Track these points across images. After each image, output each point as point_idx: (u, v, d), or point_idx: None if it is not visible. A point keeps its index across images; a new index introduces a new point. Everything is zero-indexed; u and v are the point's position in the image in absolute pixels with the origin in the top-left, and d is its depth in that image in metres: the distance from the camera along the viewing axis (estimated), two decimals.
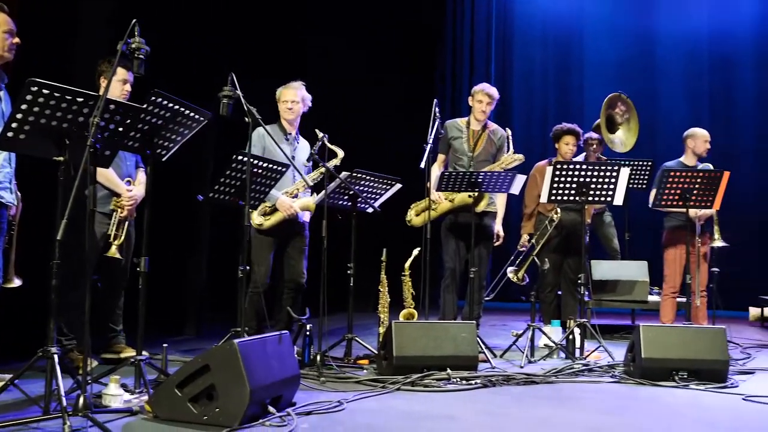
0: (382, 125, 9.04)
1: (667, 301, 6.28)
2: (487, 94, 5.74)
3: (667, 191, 5.55)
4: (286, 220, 5.12)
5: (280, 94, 5.26)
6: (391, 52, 9.51)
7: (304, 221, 5.31)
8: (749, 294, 8.78)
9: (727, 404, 4.13)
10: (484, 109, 5.74)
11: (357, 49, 8.94)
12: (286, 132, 5.29)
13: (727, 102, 10.44)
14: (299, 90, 5.25)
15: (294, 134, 5.33)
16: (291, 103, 5.21)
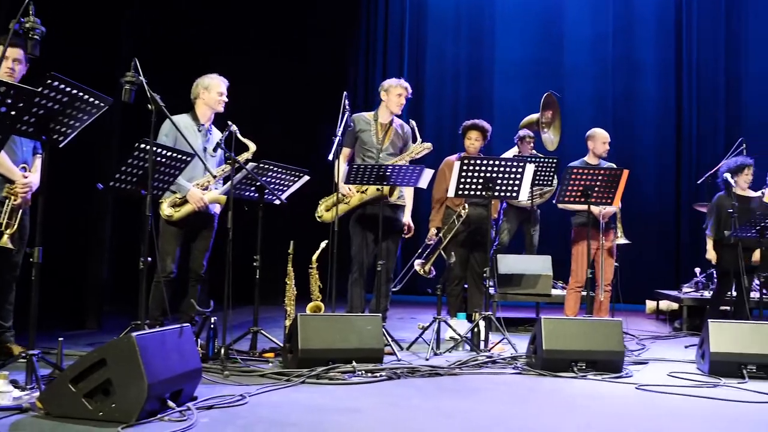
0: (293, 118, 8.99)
1: (571, 295, 6.46)
2: (406, 88, 5.78)
3: (570, 188, 5.71)
4: (195, 211, 5.08)
5: (209, 84, 5.20)
6: (303, 45, 9.45)
7: (214, 213, 5.28)
8: (647, 288, 9.15)
9: (621, 393, 4.28)
10: (401, 103, 5.77)
11: (266, 43, 8.86)
12: (200, 123, 5.19)
13: (629, 104, 10.82)
14: (226, 82, 5.24)
15: (208, 125, 5.25)
16: (224, 96, 5.22)
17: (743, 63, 10.78)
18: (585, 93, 10.79)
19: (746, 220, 5.99)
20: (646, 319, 8.63)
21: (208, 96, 5.21)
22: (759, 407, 4.02)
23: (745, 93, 10.72)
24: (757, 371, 4.71)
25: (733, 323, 5.06)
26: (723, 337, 4.80)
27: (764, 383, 4.55)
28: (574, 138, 9.45)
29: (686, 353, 5.72)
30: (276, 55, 9.03)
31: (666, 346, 6.28)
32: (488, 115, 9.96)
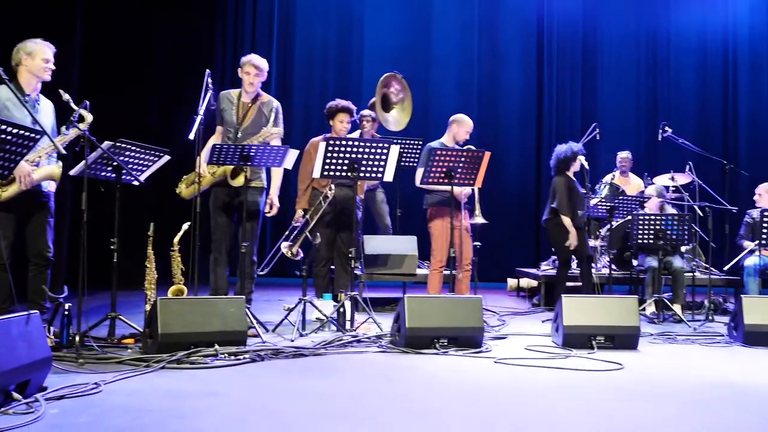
0: (157, 97, 8.70)
1: (434, 275, 6.58)
2: (254, 66, 5.67)
3: (434, 169, 5.82)
4: (25, 191, 4.59)
5: (33, 50, 4.71)
6: (169, 22, 9.16)
7: (48, 191, 4.83)
8: (509, 266, 9.50)
9: (481, 367, 4.43)
10: (252, 81, 5.66)
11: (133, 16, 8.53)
12: (24, 93, 4.70)
13: (493, 90, 11.15)
14: (53, 48, 4.83)
15: (35, 96, 4.81)
16: (51, 63, 4.79)
17: (599, 53, 11.34)
18: (451, 80, 11.02)
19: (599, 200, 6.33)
20: (508, 296, 8.96)
21: (31, 63, 4.72)
22: (606, 374, 4.27)
23: (600, 82, 11.30)
24: (605, 341, 5.00)
25: (584, 297, 5.34)
26: (574, 311, 5.05)
27: (610, 352, 4.83)
28: (440, 122, 9.67)
29: (543, 327, 5.97)
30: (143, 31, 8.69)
31: (525, 322, 6.55)
32: (357, 98, 10.00)
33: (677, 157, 8.92)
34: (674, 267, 6.94)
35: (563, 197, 6.73)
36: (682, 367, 4.68)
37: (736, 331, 5.52)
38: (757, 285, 6.99)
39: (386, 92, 8.02)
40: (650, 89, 11.36)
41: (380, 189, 7.72)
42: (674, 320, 6.62)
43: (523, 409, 3.46)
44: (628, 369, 4.40)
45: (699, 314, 6.99)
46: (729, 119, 11.31)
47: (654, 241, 6.61)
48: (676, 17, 11.42)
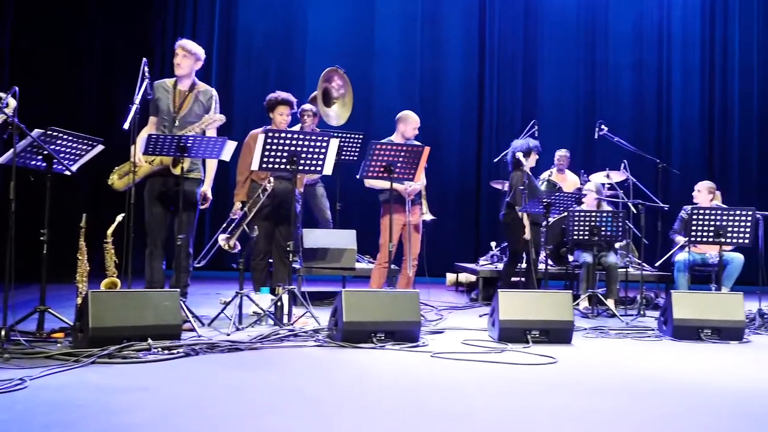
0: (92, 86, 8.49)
1: (378, 270, 6.58)
2: (182, 47, 5.50)
3: (373, 163, 5.81)
4: None
5: None
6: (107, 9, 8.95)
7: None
8: (449, 261, 9.57)
9: (417, 361, 4.44)
10: (179, 62, 5.50)
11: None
12: None
13: (435, 84, 11.21)
14: None
15: None
16: None
17: (539, 50, 11.50)
18: (393, 72, 11.04)
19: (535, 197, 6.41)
20: (447, 291, 9.03)
21: None
22: (539, 368, 4.33)
23: (540, 79, 11.47)
24: (540, 336, 5.08)
25: (519, 292, 5.42)
26: (510, 305, 5.12)
27: (545, 346, 4.91)
28: (382, 116, 9.70)
29: (480, 322, 6.03)
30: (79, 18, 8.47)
31: (463, 316, 6.61)
32: (299, 91, 9.92)
33: (613, 155, 9.11)
34: (608, 263, 7.09)
35: (518, 192, 6.78)
36: (613, 360, 4.78)
37: (665, 326, 5.66)
38: (687, 280, 7.20)
39: (327, 87, 7.98)
40: (588, 87, 11.58)
41: (320, 184, 7.69)
42: (607, 315, 6.77)
43: (457, 403, 3.48)
44: (562, 363, 4.47)
45: (631, 309, 7.16)
46: (663, 119, 11.60)
47: (589, 237, 6.74)
48: (614, 18, 11.66)
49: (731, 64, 11.68)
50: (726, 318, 5.51)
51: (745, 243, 6.28)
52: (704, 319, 5.50)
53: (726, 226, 6.20)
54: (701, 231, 6.27)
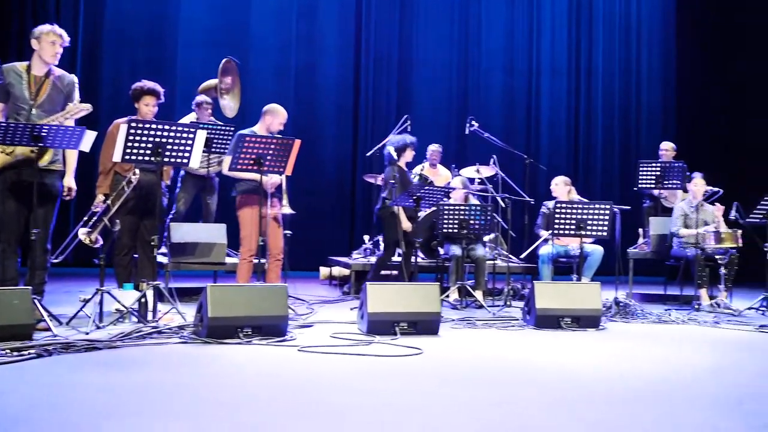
0: None
1: (244, 264, 6.46)
2: (59, 35, 5.26)
3: (243, 156, 5.71)
4: None
5: None
6: None
7: None
8: (323, 255, 9.55)
9: (284, 356, 4.40)
10: (56, 51, 5.26)
11: None
12: None
13: (310, 78, 11.16)
14: None
15: None
16: None
17: (414, 48, 11.67)
18: (269, 64, 10.92)
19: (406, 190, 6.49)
20: (320, 284, 9.01)
21: None
22: (405, 359, 4.38)
23: (415, 75, 11.63)
24: (408, 328, 5.14)
25: (388, 285, 5.46)
26: (378, 298, 5.15)
27: (413, 338, 4.97)
28: (256, 108, 9.54)
29: (351, 315, 6.04)
30: None
31: (334, 310, 6.60)
32: (170, 79, 9.66)
33: (484, 151, 9.35)
34: (476, 255, 7.28)
35: (392, 187, 6.84)
36: (477, 350, 4.90)
37: (529, 315, 5.86)
38: (551, 271, 7.48)
39: (224, 78, 7.86)
40: (461, 86, 11.85)
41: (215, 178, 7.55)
42: (476, 306, 6.94)
43: (323, 396, 3.46)
44: (427, 354, 4.54)
45: (499, 300, 7.38)
46: (532, 117, 12.04)
47: (458, 231, 6.89)
48: (487, 21, 11.98)
49: (595, 66, 12.25)
50: (584, 307, 5.76)
51: (604, 235, 6.59)
52: (564, 308, 5.73)
53: (586, 220, 6.48)
54: (563, 224, 6.53)
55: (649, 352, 4.96)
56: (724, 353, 4.97)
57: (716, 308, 7.15)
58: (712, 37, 12.22)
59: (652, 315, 6.53)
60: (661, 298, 8.13)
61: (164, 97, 6.14)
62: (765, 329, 5.95)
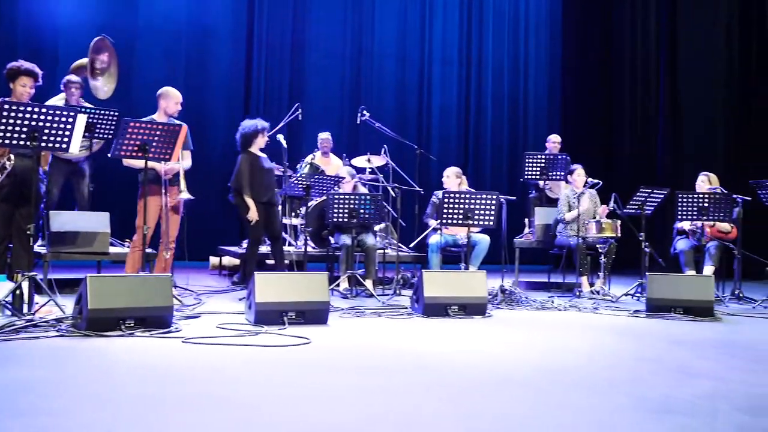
0: None
1: (134, 253, 6.27)
2: None
3: (127, 142, 5.54)
4: None
5: None
6: None
7: None
8: (212, 244, 9.38)
9: (168, 347, 4.29)
10: None
11: None
12: None
13: (202, 63, 10.91)
14: None
15: None
16: None
17: (307, 34, 11.59)
18: (157, 51, 10.60)
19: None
20: (210, 274, 8.85)
21: None
22: (293, 349, 4.36)
23: (308, 63, 11.56)
24: (296, 317, 5.11)
25: (276, 274, 5.42)
26: (267, 288, 5.10)
27: (301, 327, 4.96)
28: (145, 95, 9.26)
29: (239, 306, 5.96)
30: None
31: (222, 300, 6.50)
32: (51, 62, 9.23)
33: (377, 140, 9.40)
34: (366, 244, 7.32)
35: (243, 175, 6.79)
36: (366, 338, 4.93)
37: (417, 304, 5.94)
38: (439, 260, 7.61)
39: (95, 58, 7.50)
40: (354, 74, 11.87)
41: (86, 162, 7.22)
42: (366, 295, 6.98)
43: (206, 387, 3.39)
44: (315, 343, 4.53)
45: (389, 289, 7.45)
46: (424, 107, 12.20)
47: (348, 220, 6.90)
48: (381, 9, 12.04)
49: (486, 59, 12.53)
50: (471, 295, 5.89)
51: (490, 225, 6.75)
52: (451, 296, 5.84)
53: (474, 210, 6.62)
54: (451, 214, 6.65)
55: (531, 337, 5.13)
56: (601, 338, 5.20)
57: (596, 295, 7.47)
58: (594, 35, 12.73)
59: (535, 302, 6.74)
60: (546, 286, 8.41)
61: (43, 80, 5.88)
62: (639, 314, 6.26)
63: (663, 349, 4.79)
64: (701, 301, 6.12)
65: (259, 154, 7.01)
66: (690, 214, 7.41)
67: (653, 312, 6.18)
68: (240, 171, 6.81)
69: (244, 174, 6.79)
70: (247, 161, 6.83)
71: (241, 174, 6.79)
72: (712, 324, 5.89)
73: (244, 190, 6.77)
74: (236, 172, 6.86)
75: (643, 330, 5.56)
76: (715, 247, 7.69)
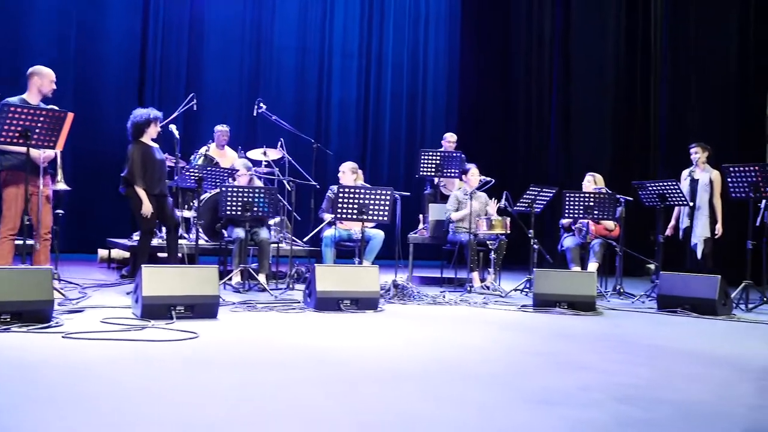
0: None
1: (5, 243, 5.97)
2: None
3: (8, 128, 5.28)
4: None
5: None
6: None
7: None
8: (101, 237, 9.07)
9: (47, 343, 4.12)
10: None
11: None
12: None
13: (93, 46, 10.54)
14: None
15: None
16: None
17: (206, 23, 11.37)
18: (46, 30, 10.16)
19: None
20: (98, 267, 8.56)
21: None
22: (180, 344, 4.26)
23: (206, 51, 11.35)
24: (185, 311, 5.01)
25: (165, 268, 5.28)
26: (154, 281, 4.97)
27: (190, 322, 4.86)
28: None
29: (127, 300, 5.79)
30: None
31: (109, 294, 6.30)
32: None
33: (275, 133, 9.32)
34: (260, 238, 7.24)
35: (134, 166, 6.59)
36: (255, 333, 4.88)
37: (310, 298, 5.93)
38: (333, 255, 7.62)
39: None
40: (253, 65, 11.72)
41: None
42: (259, 289, 6.91)
43: (83, 384, 3.27)
44: (203, 337, 4.45)
45: (282, 283, 7.40)
46: (323, 100, 12.17)
47: (241, 213, 6.80)
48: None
49: (386, 52, 12.61)
50: (363, 289, 5.92)
51: (384, 221, 6.79)
52: (344, 290, 5.85)
53: (368, 205, 6.65)
54: (346, 209, 6.66)
55: (421, 332, 5.20)
56: (489, 332, 5.32)
57: (486, 290, 7.65)
58: (491, 35, 13.03)
59: (427, 297, 6.84)
60: (438, 281, 8.54)
61: None
62: (526, 309, 6.45)
63: (547, 342, 4.95)
64: (584, 296, 6.36)
65: (151, 144, 6.81)
66: (576, 212, 7.68)
67: (540, 306, 6.38)
68: (132, 162, 6.58)
69: (136, 165, 6.58)
70: (138, 151, 6.62)
71: (134, 165, 6.57)
72: (594, 318, 6.13)
73: (136, 181, 6.56)
74: (128, 162, 6.63)
75: (529, 324, 5.73)
76: (599, 244, 8.00)
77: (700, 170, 8.14)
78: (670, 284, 6.63)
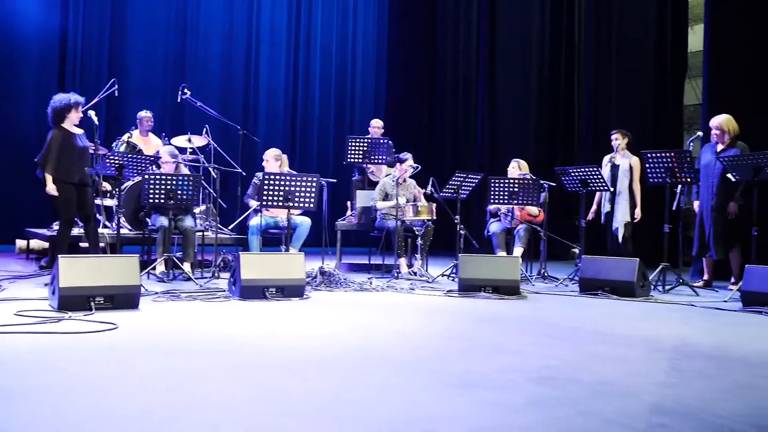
0: None
1: None
2: None
3: None
4: None
5: None
6: None
7: None
8: (20, 227, 8.80)
9: None
10: None
11: None
12: None
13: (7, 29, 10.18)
14: None
15: None
16: None
17: (129, 6, 11.08)
18: None
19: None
20: (16, 259, 8.30)
21: None
22: (98, 335, 4.16)
23: (129, 37, 11.08)
24: (105, 302, 4.90)
25: (83, 258, 5.15)
26: (72, 271, 4.85)
27: (110, 313, 4.76)
28: None
29: (44, 291, 5.62)
30: None
31: (27, 285, 6.13)
32: None
33: (201, 120, 9.17)
34: (184, 226, 7.13)
35: (49, 151, 6.44)
36: (177, 322, 4.80)
37: (234, 286, 5.87)
38: (260, 243, 7.56)
39: None
40: (179, 50, 11.50)
41: None
42: (183, 278, 6.81)
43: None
44: (123, 328, 4.36)
45: (208, 272, 7.30)
46: (251, 87, 12.05)
47: (165, 201, 6.68)
48: None
49: (314, 38, 12.54)
50: (288, 277, 5.90)
51: (311, 207, 6.77)
52: (269, 278, 5.82)
53: (294, 192, 6.61)
54: (272, 196, 6.61)
55: (347, 318, 5.21)
56: (414, 317, 5.37)
57: (413, 276, 7.71)
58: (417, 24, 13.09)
59: (354, 284, 6.86)
60: (366, 268, 8.57)
61: None
62: (452, 294, 6.53)
63: (471, 326, 5.02)
64: (508, 281, 6.47)
65: (73, 131, 6.63)
66: (501, 198, 7.79)
67: (465, 291, 6.47)
68: (48, 147, 6.41)
69: (51, 150, 6.41)
70: (58, 138, 6.44)
71: (48, 150, 6.40)
72: (517, 302, 6.25)
73: (46, 166, 6.39)
74: (44, 147, 6.45)
75: (454, 309, 5.80)
76: (524, 229, 8.15)
77: (620, 156, 8.34)
78: (590, 268, 6.81)
